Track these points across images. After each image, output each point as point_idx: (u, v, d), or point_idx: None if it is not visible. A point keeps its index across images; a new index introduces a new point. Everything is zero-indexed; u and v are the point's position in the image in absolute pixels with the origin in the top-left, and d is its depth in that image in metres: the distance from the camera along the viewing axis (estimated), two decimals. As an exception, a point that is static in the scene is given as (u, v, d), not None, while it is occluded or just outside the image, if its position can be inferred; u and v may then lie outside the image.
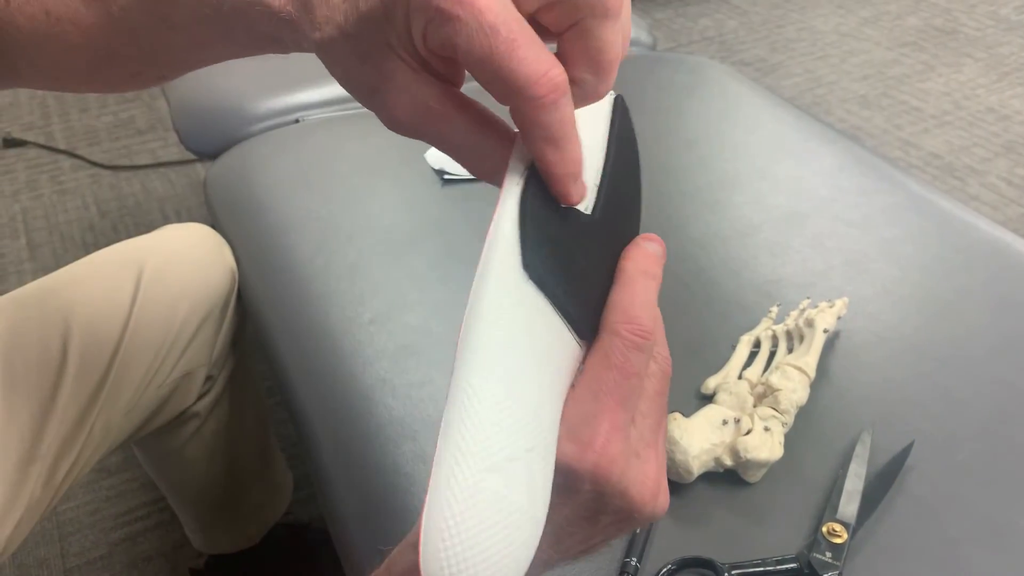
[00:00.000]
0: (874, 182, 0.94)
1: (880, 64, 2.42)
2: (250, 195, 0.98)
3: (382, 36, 0.29)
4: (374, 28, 0.29)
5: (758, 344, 0.71)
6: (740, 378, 0.67)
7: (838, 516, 0.57)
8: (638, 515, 0.32)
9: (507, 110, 0.29)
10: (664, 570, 0.55)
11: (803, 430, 0.64)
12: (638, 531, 0.57)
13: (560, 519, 0.31)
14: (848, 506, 0.58)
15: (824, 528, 0.56)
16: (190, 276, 0.80)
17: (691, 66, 1.20)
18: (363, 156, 1.00)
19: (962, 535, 0.58)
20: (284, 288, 0.84)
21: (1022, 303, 0.77)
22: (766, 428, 0.60)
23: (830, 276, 0.80)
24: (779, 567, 0.55)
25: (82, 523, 1.22)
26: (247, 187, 1.00)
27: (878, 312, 0.76)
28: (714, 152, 0.99)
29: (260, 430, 1.00)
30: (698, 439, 0.59)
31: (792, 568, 0.55)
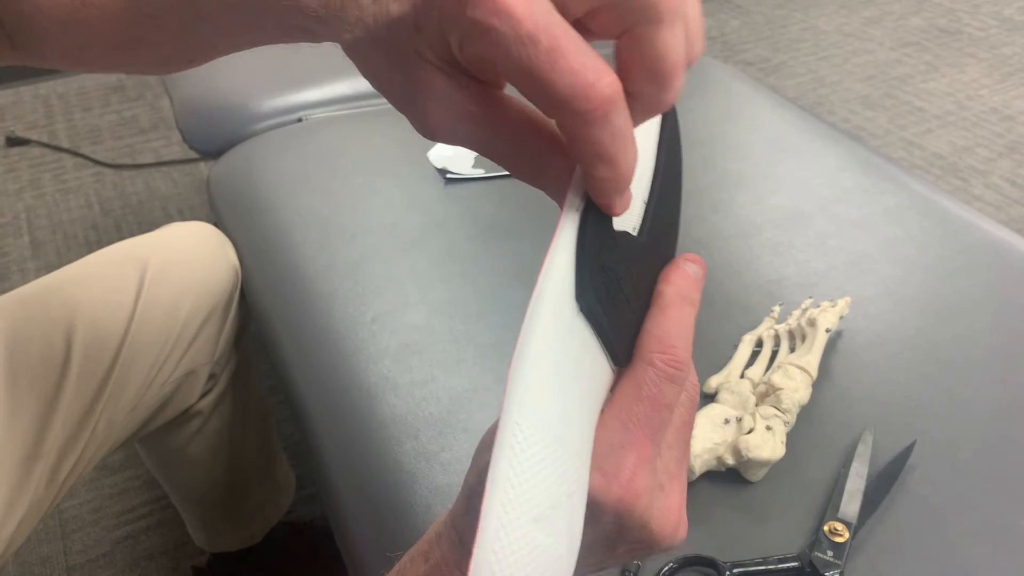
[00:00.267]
0: (877, 182, 0.94)
1: (883, 64, 2.41)
2: (253, 194, 0.98)
3: (412, 44, 0.27)
4: (404, 35, 0.27)
5: (760, 343, 0.71)
6: (742, 377, 0.67)
7: (840, 515, 0.57)
8: (656, 547, 0.31)
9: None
10: (666, 568, 0.55)
11: (805, 429, 0.64)
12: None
13: (579, 546, 0.31)
14: (850, 505, 0.58)
15: (826, 527, 0.56)
16: (193, 274, 0.80)
17: (694, 66, 1.21)
18: (366, 155, 1.01)
19: (963, 535, 0.58)
20: (287, 286, 0.84)
21: (1024, 303, 0.77)
22: (768, 427, 0.60)
23: (832, 276, 0.80)
24: (781, 566, 0.55)
25: (85, 521, 1.22)
26: (250, 186, 1.00)
27: (880, 312, 0.76)
28: (717, 152, 1.00)
29: (262, 428, 1.00)
30: (700, 438, 0.59)
31: (794, 567, 0.55)
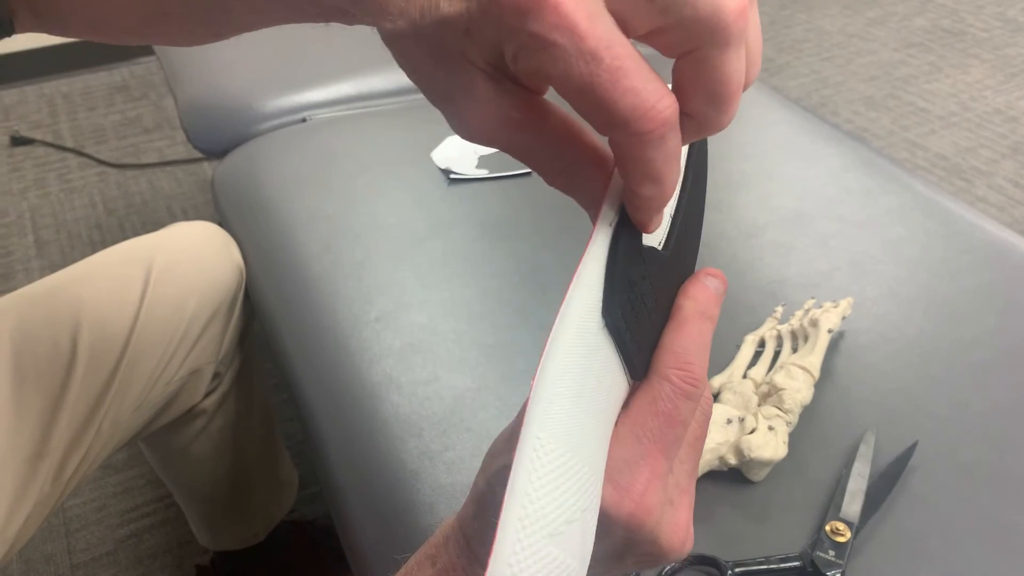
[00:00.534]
0: (880, 183, 0.94)
1: (887, 65, 2.41)
2: (257, 194, 0.98)
3: (459, 45, 0.26)
4: (452, 35, 0.26)
5: (763, 344, 0.71)
6: (745, 377, 0.67)
7: (841, 515, 0.57)
8: (663, 560, 0.32)
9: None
10: (668, 568, 0.55)
11: (807, 429, 0.65)
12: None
13: None
14: (851, 505, 0.58)
15: (828, 527, 0.56)
16: (198, 274, 0.81)
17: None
18: (370, 155, 1.01)
19: (965, 535, 0.58)
20: (291, 286, 0.84)
21: (1027, 304, 0.77)
22: (770, 427, 0.60)
23: (835, 277, 0.80)
24: (782, 565, 0.55)
25: (89, 519, 1.22)
26: (255, 186, 1.00)
27: (883, 313, 0.76)
28: (720, 153, 1.00)
29: (266, 427, 1.00)
30: (702, 438, 0.59)
31: (795, 566, 0.55)
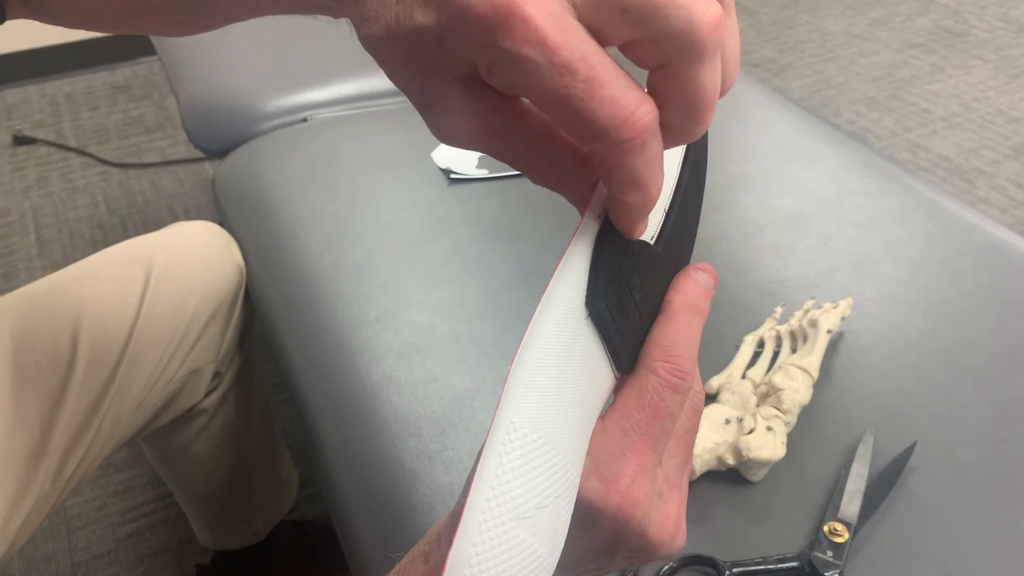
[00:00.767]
0: (880, 184, 0.94)
1: (889, 66, 2.41)
2: (258, 193, 0.99)
3: (432, 54, 0.26)
4: (425, 44, 0.26)
5: (762, 344, 0.71)
6: (744, 378, 0.67)
7: (840, 516, 0.57)
8: (654, 554, 0.32)
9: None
10: (666, 568, 0.55)
11: (806, 430, 0.65)
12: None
13: (577, 552, 0.31)
14: (850, 506, 0.58)
15: (826, 527, 0.56)
16: (198, 273, 0.81)
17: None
18: (371, 155, 1.01)
19: (963, 536, 0.58)
20: (291, 286, 0.84)
21: (1027, 305, 0.77)
22: (769, 428, 0.60)
23: (835, 277, 0.80)
24: (780, 566, 0.55)
25: (90, 518, 1.23)
26: (255, 185, 1.00)
27: (882, 313, 0.76)
28: (721, 153, 1.00)
29: (267, 427, 1.00)
30: (701, 438, 0.60)
31: (793, 567, 0.55)
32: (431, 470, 0.64)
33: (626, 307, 0.29)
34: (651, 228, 0.31)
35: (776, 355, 0.70)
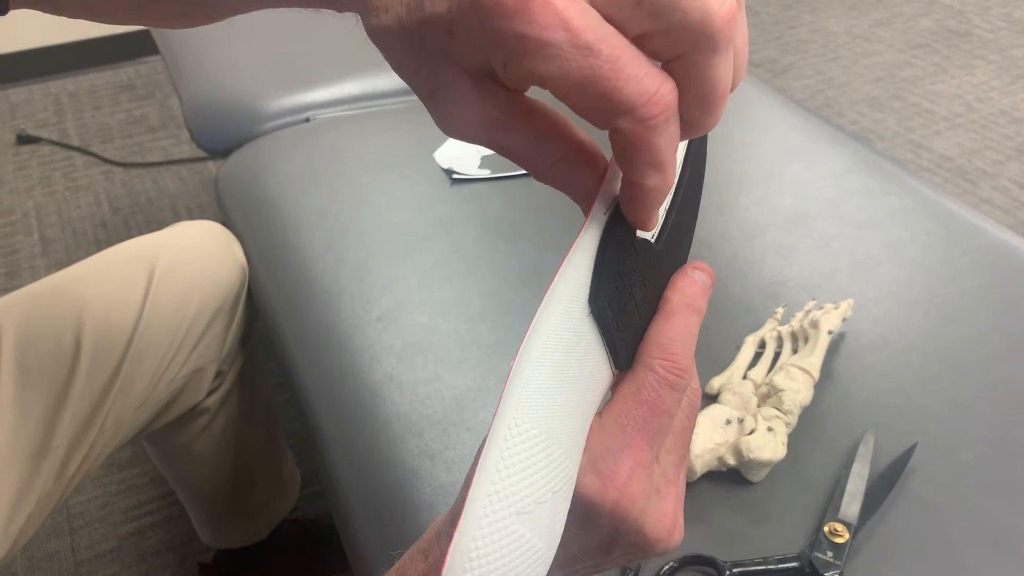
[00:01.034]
0: (882, 184, 0.94)
1: (892, 66, 2.41)
2: (261, 193, 0.99)
3: (442, 45, 0.26)
4: (436, 35, 0.26)
5: (763, 345, 0.72)
6: (744, 378, 0.67)
7: (840, 516, 0.58)
8: (651, 551, 0.32)
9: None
10: (666, 567, 0.55)
11: (807, 430, 0.65)
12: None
13: (575, 548, 0.31)
14: (850, 506, 0.58)
15: (826, 528, 0.56)
16: (201, 273, 0.81)
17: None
18: (373, 155, 1.01)
19: (964, 537, 0.58)
20: (294, 285, 0.85)
21: (1028, 306, 0.77)
22: (769, 428, 0.61)
23: (836, 278, 0.80)
24: (780, 566, 0.55)
25: (92, 517, 1.23)
26: (258, 185, 1.00)
27: (883, 314, 0.76)
28: (722, 153, 1.00)
29: (269, 426, 1.01)
30: (702, 438, 0.60)
31: (793, 567, 0.55)
32: (432, 469, 0.64)
33: (626, 305, 0.30)
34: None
35: (777, 356, 0.70)
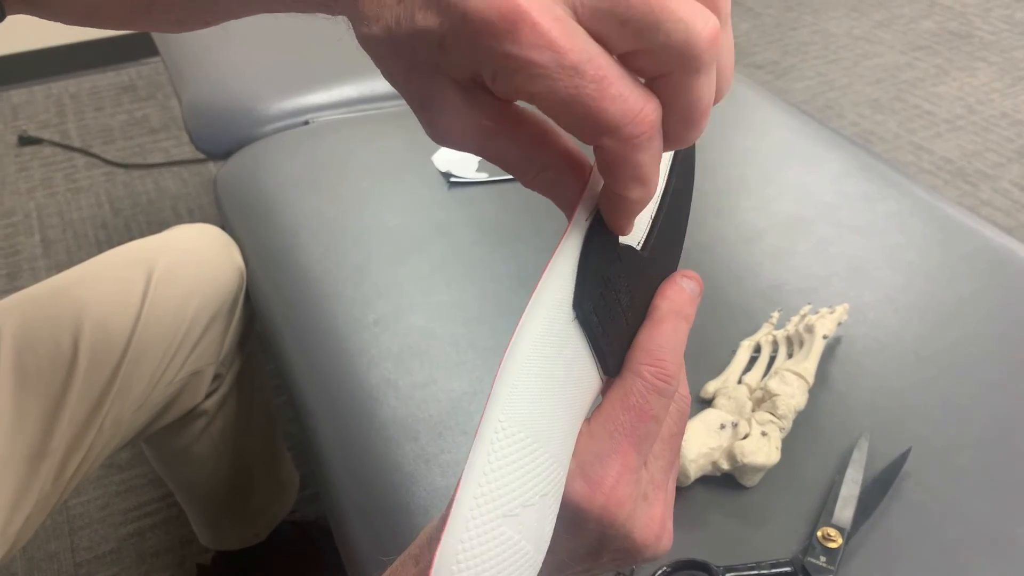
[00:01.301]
0: (879, 188, 0.94)
1: (893, 68, 2.41)
2: (260, 196, 0.99)
3: (432, 57, 0.26)
4: (427, 48, 0.26)
5: (759, 349, 0.72)
6: (739, 383, 0.67)
7: (834, 521, 0.58)
8: (639, 556, 0.32)
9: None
10: (659, 572, 0.56)
11: (801, 435, 0.65)
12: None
13: (564, 553, 0.31)
14: (844, 511, 0.58)
15: (819, 532, 0.57)
16: (199, 276, 0.81)
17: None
18: (372, 158, 1.01)
19: (958, 542, 0.58)
20: (291, 288, 0.85)
21: (1025, 311, 0.77)
22: (763, 433, 0.61)
23: (833, 282, 0.81)
24: (774, 571, 0.55)
25: (92, 518, 1.23)
26: (257, 188, 1.01)
27: (879, 319, 0.76)
28: (720, 157, 1.00)
29: (268, 428, 1.01)
30: (696, 443, 0.60)
31: (786, 572, 0.55)
32: (428, 473, 0.64)
33: (613, 311, 0.30)
34: (638, 233, 0.32)
35: (772, 360, 0.70)
